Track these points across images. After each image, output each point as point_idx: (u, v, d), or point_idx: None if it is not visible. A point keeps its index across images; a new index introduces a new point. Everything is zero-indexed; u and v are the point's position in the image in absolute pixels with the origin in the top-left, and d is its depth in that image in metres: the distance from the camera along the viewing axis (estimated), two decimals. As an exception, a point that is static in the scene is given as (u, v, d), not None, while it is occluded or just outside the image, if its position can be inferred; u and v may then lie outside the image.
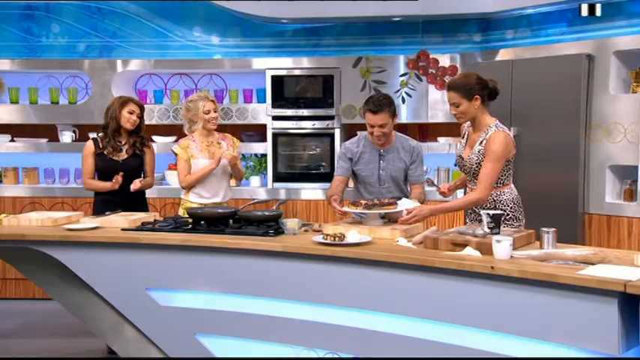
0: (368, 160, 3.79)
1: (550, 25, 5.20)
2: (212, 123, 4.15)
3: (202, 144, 4.15)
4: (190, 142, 4.18)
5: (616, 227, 4.54)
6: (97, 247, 3.39)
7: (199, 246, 3.25)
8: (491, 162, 3.23)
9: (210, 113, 4.14)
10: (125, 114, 4.14)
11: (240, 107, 5.68)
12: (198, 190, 4.15)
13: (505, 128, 3.33)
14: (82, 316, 3.76)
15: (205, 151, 4.13)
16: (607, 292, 2.33)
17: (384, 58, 5.54)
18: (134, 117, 4.16)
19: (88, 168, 4.21)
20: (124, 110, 4.14)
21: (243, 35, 5.89)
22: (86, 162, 4.20)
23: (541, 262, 2.62)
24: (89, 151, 4.20)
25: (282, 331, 3.18)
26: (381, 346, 2.94)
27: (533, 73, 4.85)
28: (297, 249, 3.06)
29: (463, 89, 3.28)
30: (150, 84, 6.05)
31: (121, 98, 4.22)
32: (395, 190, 3.80)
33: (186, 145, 4.17)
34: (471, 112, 3.31)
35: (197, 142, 4.16)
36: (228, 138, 4.29)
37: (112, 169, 4.13)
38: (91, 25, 5.96)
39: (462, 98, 3.28)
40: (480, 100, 3.29)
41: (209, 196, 4.15)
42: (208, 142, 4.17)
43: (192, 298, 3.37)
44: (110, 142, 4.16)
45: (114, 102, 4.21)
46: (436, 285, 2.75)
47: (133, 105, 4.18)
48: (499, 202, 3.33)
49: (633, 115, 4.48)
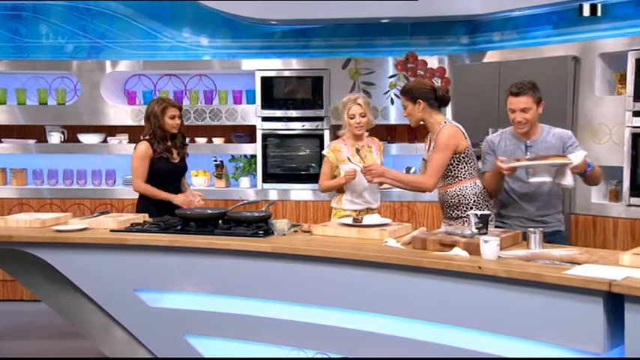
0: (511, 152, 3.42)
1: (536, 27, 5.26)
2: (357, 128, 3.88)
3: (353, 147, 3.87)
4: (342, 144, 3.95)
5: (602, 227, 4.59)
6: (86, 248, 3.38)
7: (188, 247, 3.25)
8: (436, 152, 3.44)
9: (356, 118, 3.87)
10: (168, 120, 4.02)
11: (229, 108, 5.69)
12: (350, 197, 3.91)
13: (454, 123, 3.56)
14: (70, 317, 3.74)
15: (356, 155, 3.80)
16: (592, 291, 2.36)
17: (372, 59, 5.57)
18: (176, 120, 4.06)
19: (144, 171, 4.02)
20: (166, 117, 4.02)
21: (232, 36, 5.90)
22: (142, 165, 4.02)
23: (527, 262, 2.65)
24: (146, 154, 4.03)
25: (272, 332, 3.18)
26: (370, 346, 2.95)
27: (520, 75, 4.83)
28: (287, 250, 3.07)
29: (409, 93, 3.55)
30: (139, 85, 6.04)
31: (159, 104, 4.06)
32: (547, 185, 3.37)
33: (337, 148, 3.94)
34: (416, 114, 3.54)
35: (347, 146, 3.92)
36: (376, 142, 4.02)
37: (173, 171, 4.10)
38: (79, 26, 5.94)
39: (408, 101, 3.55)
40: (425, 104, 3.51)
41: (361, 202, 3.89)
42: (359, 146, 3.87)
43: (182, 299, 3.37)
44: (165, 147, 4.05)
45: (153, 108, 4.05)
46: (425, 285, 2.77)
47: (173, 109, 4.05)
48: (462, 197, 3.47)
49: (618, 117, 4.54)
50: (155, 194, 4.02)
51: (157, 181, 4.06)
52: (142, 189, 4.06)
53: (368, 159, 3.80)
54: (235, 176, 5.82)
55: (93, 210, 5.43)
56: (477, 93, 5.10)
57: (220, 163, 5.77)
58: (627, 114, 4.47)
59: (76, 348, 4.29)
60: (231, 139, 5.81)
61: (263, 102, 5.59)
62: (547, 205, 3.44)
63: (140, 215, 3.80)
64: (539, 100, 3.39)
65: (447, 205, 3.54)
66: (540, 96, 3.39)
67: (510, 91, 3.41)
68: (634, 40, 4.49)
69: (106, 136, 5.84)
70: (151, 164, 4.04)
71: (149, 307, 3.38)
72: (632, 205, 4.47)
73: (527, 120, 3.36)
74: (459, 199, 3.46)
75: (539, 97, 3.38)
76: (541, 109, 3.40)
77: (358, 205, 3.88)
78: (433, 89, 3.56)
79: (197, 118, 5.69)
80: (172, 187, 4.11)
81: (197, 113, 5.69)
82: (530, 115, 3.36)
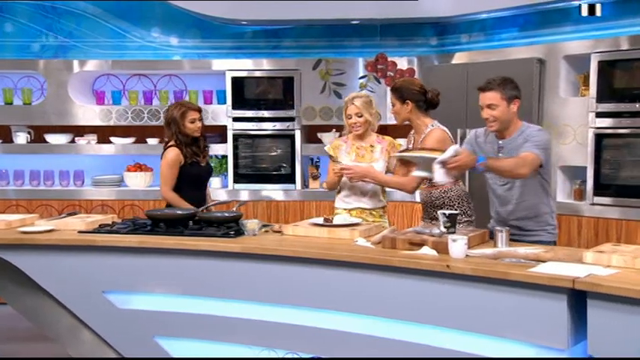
0: (486, 150, 3.26)
1: (503, 29, 5.35)
2: (354, 128, 3.72)
3: (353, 146, 3.78)
4: (342, 142, 3.85)
5: (567, 226, 4.69)
6: (53, 250, 3.33)
7: (158, 248, 3.23)
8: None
9: (352, 118, 3.70)
10: (188, 124, 3.91)
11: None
12: (342, 196, 3.81)
13: (443, 127, 3.55)
14: (37, 320, 3.69)
15: (353, 153, 3.75)
16: (556, 288, 2.42)
17: (343, 60, 5.60)
18: (197, 124, 3.94)
19: (173, 178, 3.90)
20: (186, 121, 3.90)
21: (202, 36, 5.87)
22: (172, 172, 3.89)
23: (494, 260, 2.69)
24: (176, 161, 3.90)
25: (243, 332, 3.18)
26: (340, 345, 2.97)
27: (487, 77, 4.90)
28: (257, 250, 3.07)
29: (398, 92, 3.54)
30: (107, 85, 5.97)
31: (178, 108, 3.93)
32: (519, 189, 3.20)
33: (337, 145, 3.85)
34: (403, 114, 3.54)
35: (348, 144, 3.81)
36: (386, 141, 3.78)
37: (204, 175, 4.04)
38: (45, 25, 5.84)
39: (396, 100, 3.55)
40: (413, 106, 3.51)
41: (351, 200, 3.76)
42: (359, 145, 3.76)
43: (151, 300, 3.35)
44: (193, 151, 3.94)
45: (172, 114, 3.93)
46: (394, 284, 2.80)
47: (193, 112, 3.93)
48: (447, 199, 3.49)
49: (582, 118, 4.64)
50: (181, 205, 3.83)
51: (189, 186, 3.93)
52: (169, 197, 3.91)
53: (366, 159, 3.73)
54: (206, 177, 5.79)
55: (61, 211, 5.35)
56: (446, 94, 5.09)
57: (191, 164, 5.73)
58: (590, 115, 4.58)
59: (43, 351, 4.23)
60: (201, 140, 5.78)
61: (234, 102, 5.58)
62: (525, 210, 3.19)
63: (109, 216, 3.76)
64: (510, 97, 3.13)
65: (430, 205, 3.55)
66: (515, 94, 3.15)
67: (478, 86, 3.24)
68: (597, 43, 4.60)
69: (74, 136, 5.76)
70: (181, 170, 3.93)
71: (118, 308, 3.35)
72: (596, 204, 4.58)
73: (495, 117, 3.14)
74: (444, 200, 3.50)
75: (511, 94, 3.13)
76: (515, 107, 3.15)
77: (348, 204, 3.79)
78: (424, 91, 3.54)
79: (167, 118, 5.63)
80: (200, 191, 4.02)
81: (167, 113, 5.64)
82: (497, 112, 3.12)
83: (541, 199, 3.21)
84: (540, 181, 3.19)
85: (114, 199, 5.60)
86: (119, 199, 5.59)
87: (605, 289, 2.31)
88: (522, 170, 2.99)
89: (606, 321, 2.33)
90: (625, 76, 4.45)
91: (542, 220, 3.23)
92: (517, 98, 3.16)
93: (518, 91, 3.17)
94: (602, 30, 4.82)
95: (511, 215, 3.22)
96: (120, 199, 5.59)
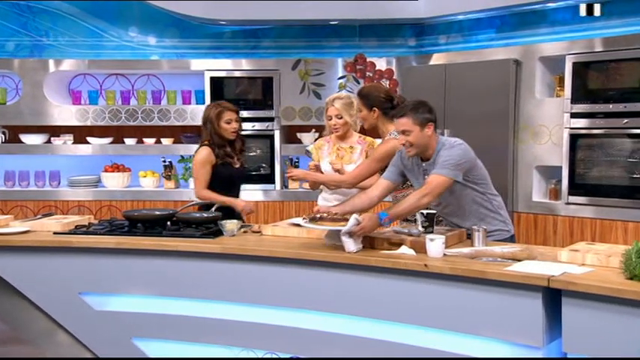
0: (413, 171, 3.21)
1: (480, 31, 5.41)
2: (334, 129, 3.72)
3: (334, 146, 3.78)
4: (325, 142, 3.84)
5: (542, 225, 4.75)
6: (28, 251, 3.29)
7: (135, 249, 3.20)
8: (371, 158, 3.48)
9: (332, 120, 3.70)
10: (224, 125, 3.81)
11: (178, 108, 5.63)
12: (323, 195, 3.81)
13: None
14: (11, 322, 3.63)
15: (334, 154, 3.76)
16: (532, 287, 2.45)
17: (322, 60, 5.61)
18: (234, 125, 3.83)
19: (205, 178, 3.82)
20: (222, 122, 3.81)
21: (180, 36, 5.84)
22: (203, 171, 3.81)
23: (471, 260, 2.72)
24: (207, 160, 3.82)
25: (221, 333, 3.17)
26: (319, 345, 2.98)
27: (465, 77, 5.03)
28: (236, 250, 3.06)
29: (365, 99, 3.55)
30: (84, 84, 5.91)
31: (215, 107, 3.86)
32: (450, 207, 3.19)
33: (319, 145, 3.86)
34: (370, 120, 3.55)
35: (330, 144, 3.81)
36: (366, 142, 3.76)
37: (237, 177, 3.91)
38: (20, 24, 5.77)
39: (363, 107, 3.55)
40: (379, 113, 3.52)
41: (332, 199, 3.73)
42: (339, 146, 3.76)
43: (129, 301, 3.32)
44: (226, 153, 3.84)
45: (208, 113, 3.85)
46: (373, 283, 2.81)
47: (230, 113, 3.83)
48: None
49: (557, 118, 4.71)
50: (218, 200, 3.74)
51: (220, 187, 3.85)
52: (204, 196, 3.83)
53: (345, 160, 3.73)
54: (185, 177, 5.76)
55: (36, 212, 5.29)
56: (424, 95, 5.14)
57: (169, 164, 5.70)
58: (565, 116, 4.65)
59: (19, 354, 4.17)
60: (180, 140, 5.75)
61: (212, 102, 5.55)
62: (469, 221, 3.14)
63: (85, 217, 3.72)
64: (423, 121, 3.00)
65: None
66: (428, 117, 3.01)
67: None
68: (572, 45, 4.67)
69: (50, 136, 5.70)
70: (213, 170, 3.85)
71: (95, 310, 3.32)
72: (571, 204, 4.65)
73: (410, 142, 3.02)
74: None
75: (423, 118, 3.00)
76: (430, 131, 3.02)
77: (329, 202, 3.76)
78: (390, 98, 3.53)
79: (145, 118, 5.60)
80: (232, 193, 3.91)
81: (145, 113, 5.61)
82: (412, 137, 3.00)
83: (478, 207, 3.15)
84: (471, 192, 3.11)
85: (91, 199, 5.55)
86: (96, 199, 5.54)
87: (579, 288, 2.34)
88: (425, 200, 2.93)
89: (580, 319, 2.37)
90: (599, 77, 4.53)
91: (487, 222, 3.13)
92: (431, 122, 3.03)
93: (432, 114, 3.05)
94: (576, 32, 4.90)
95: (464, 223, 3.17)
96: (97, 200, 5.54)
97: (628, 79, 4.38)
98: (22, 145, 5.64)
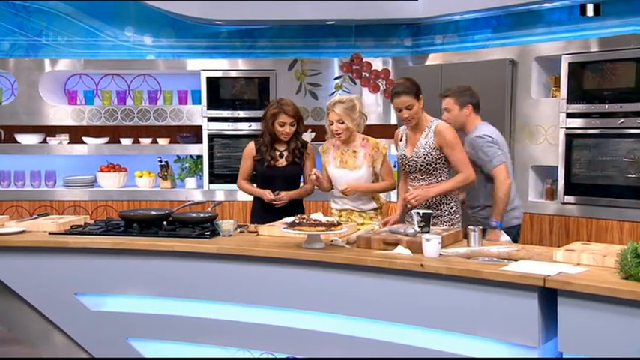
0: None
1: (476, 31, 5.42)
2: (336, 135, 3.68)
3: (338, 151, 3.76)
4: (331, 146, 3.81)
5: (538, 225, 4.76)
6: (24, 251, 3.28)
7: (131, 249, 3.20)
8: (455, 150, 3.48)
9: (334, 125, 3.65)
10: (277, 127, 3.81)
11: (174, 108, 5.62)
12: (333, 197, 3.83)
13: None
14: (7, 322, 3.63)
15: (339, 158, 3.75)
16: (528, 286, 2.46)
17: (318, 60, 5.61)
18: (286, 129, 3.81)
19: (245, 170, 3.94)
20: (275, 123, 3.81)
21: (176, 36, 5.83)
22: (245, 163, 3.93)
23: (467, 259, 2.73)
24: (249, 153, 3.92)
25: (218, 333, 3.17)
26: (316, 345, 2.98)
27: (461, 77, 5.01)
28: (233, 250, 3.06)
29: (413, 89, 3.47)
30: (80, 84, 5.90)
31: (274, 107, 3.84)
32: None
33: (325, 149, 3.84)
34: (419, 113, 3.51)
35: (335, 148, 3.79)
36: (370, 145, 3.72)
37: (271, 176, 3.88)
38: (16, 24, 5.75)
39: (413, 99, 3.46)
40: (422, 101, 3.53)
41: (340, 202, 3.77)
42: (343, 150, 3.74)
43: (125, 302, 3.32)
44: (268, 151, 3.86)
45: (267, 111, 3.86)
46: (369, 283, 2.82)
47: (284, 116, 3.79)
48: (444, 197, 3.51)
49: (553, 119, 4.72)
50: (251, 191, 3.93)
51: (257, 182, 3.95)
52: (239, 186, 4.00)
53: (349, 165, 3.71)
54: (181, 177, 5.76)
55: (32, 212, 5.28)
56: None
57: (165, 164, 5.70)
58: (561, 116, 4.66)
59: (14, 354, 4.16)
60: (176, 140, 5.75)
61: (209, 102, 5.56)
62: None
63: (81, 217, 3.72)
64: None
65: (425, 203, 3.46)
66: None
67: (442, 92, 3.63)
68: (568, 45, 4.68)
69: (46, 136, 5.68)
70: (254, 164, 3.93)
71: (91, 310, 3.32)
72: (567, 204, 4.66)
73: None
74: (441, 199, 3.50)
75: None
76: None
77: (337, 204, 3.79)
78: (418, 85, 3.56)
79: (141, 118, 5.60)
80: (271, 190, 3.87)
81: (141, 113, 5.60)
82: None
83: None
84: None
85: (87, 199, 5.54)
86: (92, 199, 5.53)
87: (575, 287, 2.35)
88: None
89: (576, 318, 2.38)
90: (594, 77, 4.53)
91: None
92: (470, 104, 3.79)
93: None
94: (572, 32, 4.91)
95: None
96: (93, 200, 5.53)
97: (623, 80, 4.39)
98: (18, 145, 5.63)
